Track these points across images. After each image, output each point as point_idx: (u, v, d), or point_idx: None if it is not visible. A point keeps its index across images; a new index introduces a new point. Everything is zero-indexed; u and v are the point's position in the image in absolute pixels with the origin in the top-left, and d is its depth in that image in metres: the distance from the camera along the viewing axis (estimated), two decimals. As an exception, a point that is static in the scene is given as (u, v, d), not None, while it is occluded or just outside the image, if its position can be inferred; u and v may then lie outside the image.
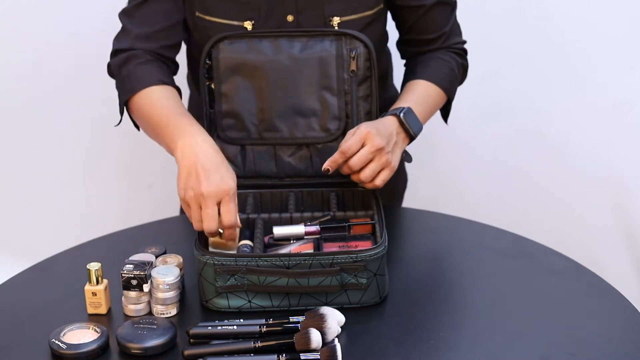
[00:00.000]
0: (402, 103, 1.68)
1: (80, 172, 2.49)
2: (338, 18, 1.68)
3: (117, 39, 1.72)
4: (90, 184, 2.51)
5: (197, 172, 1.47)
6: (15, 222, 2.52)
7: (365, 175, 1.57)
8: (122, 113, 1.70)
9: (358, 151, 1.56)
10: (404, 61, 1.86)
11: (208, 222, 1.46)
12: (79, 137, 2.45)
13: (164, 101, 1.63)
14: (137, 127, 1.74)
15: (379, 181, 1.58)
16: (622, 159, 2.32)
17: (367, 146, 1.56)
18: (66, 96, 2.40)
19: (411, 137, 1.65)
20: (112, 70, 1.71)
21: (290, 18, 1.68)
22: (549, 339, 1.38)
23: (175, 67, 1.75)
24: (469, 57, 1.83)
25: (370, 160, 1.57)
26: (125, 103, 1.68)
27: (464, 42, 1.81)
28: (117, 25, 1.73)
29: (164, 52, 1.71)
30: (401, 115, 1.63)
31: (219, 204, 1.47)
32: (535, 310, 1.46)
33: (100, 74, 1.83)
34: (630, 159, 2.32)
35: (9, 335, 1.43)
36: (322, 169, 1.58)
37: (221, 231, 1.49)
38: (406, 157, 1.68)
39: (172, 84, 1.69)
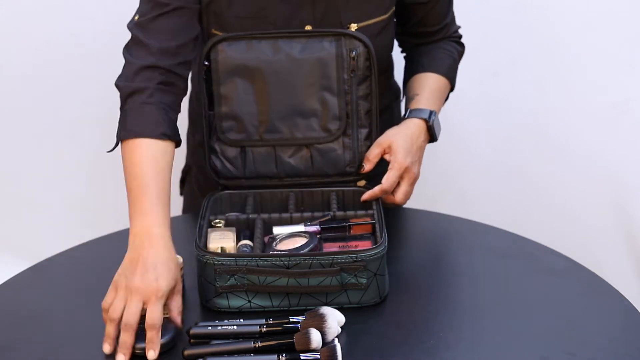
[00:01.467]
0: (422, 101, 1.73)
1: (81, 172, 2.49)
2: (355, 25, 1.68)
3: (132, 52, 1.61)
4: (91, 184, 2.51)
5: (136, 265, 1.40)
6: (15, 222, 2.51)
7: (400, 199, 1.66)
8: (117, 143, 1.59)
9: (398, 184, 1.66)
10: (402, 56, 1.87)
11: (127, 316, 1.36)
12: (79, 137, 2.45)
13: (150, 166, 1.52)
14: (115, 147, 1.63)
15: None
16: (622, 159, 2.32)
17: (405, 179, 1.65)
18: (67, 96, 2.40)
19: (431, 140, 1.73)
20: (119, 93, 1.60)
21: (308, 28, 1.68)
22: (549, 339, 1.38)
23: (185, 88, 1.65)
24: (468, 56, 1.84)
25: (409, 191, 1.68)
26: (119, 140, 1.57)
27: (459, 27, 1.86)
28: (118, 25, 1.72)
29: (180, 71, 1.62)
30: (430, 121, 1.70)
31: (146, 303, 1.38)
32: (535, 310, 1.46)
33: (101, 74, 1.84)
34: (630, 158, 2.31)
35: (9, 335, 1.43)
36: (361, 199, 1.64)
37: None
38: None
39: (174, 137, 1.58)
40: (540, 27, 2.29)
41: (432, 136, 1.72)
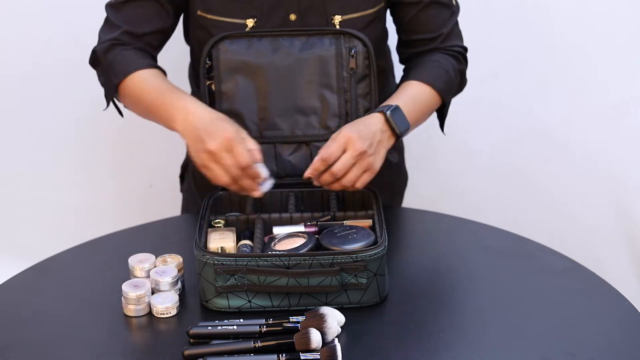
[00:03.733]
0: (391, 102, 1.66)
1: (81, 172, 2.49)
2: (339, 16, 1.69)
3: (103, 30, 1.73)
4: (91, 184, 2.51)
5: (198, 136, 1.52)
6: (15, 222, 2.51)
7: (347, 180, 1.55)
8: (111, 98, 1.72)
9: (340, 157, 1.54)
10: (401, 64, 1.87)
11: (229, 171, 1.50)
12: (79, 136, 2.45)
13: (155, 82, 1.66)
14: (121, 113, 1.77)
15: (360, 184, 1.57)
16: (622, 160, 2.32)
17: (349, 151, 1.54)
18: (67, 96, 2.40)
19: (397, 136, 1.62)
20: (97, 56, 1.71)
21: (292, 17, 1.69)
22: (549, 339, 1.38)
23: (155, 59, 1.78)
24: (469, 56, 1.82)
25: (352, 165, 1.55)
26: (115, 87, 1.69)
27: (464, 47, 1.80)
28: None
29: (147, 48, 1.73)
30: (387, 112, 1.61)
31: (230, 152, 1.51)
32: (535, 310, 1.46)
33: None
34: (630, 159, 2.32)
35: (9, 335, 1.43)
36: (304, 177, 1.57)
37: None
38: (392, 156, 1.67)
39: (159, 67, 1.72)
40: (541, 27, 2.30)
41: (392, 129, 1.61)
